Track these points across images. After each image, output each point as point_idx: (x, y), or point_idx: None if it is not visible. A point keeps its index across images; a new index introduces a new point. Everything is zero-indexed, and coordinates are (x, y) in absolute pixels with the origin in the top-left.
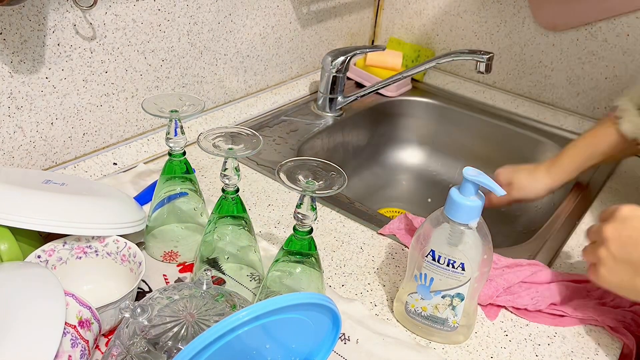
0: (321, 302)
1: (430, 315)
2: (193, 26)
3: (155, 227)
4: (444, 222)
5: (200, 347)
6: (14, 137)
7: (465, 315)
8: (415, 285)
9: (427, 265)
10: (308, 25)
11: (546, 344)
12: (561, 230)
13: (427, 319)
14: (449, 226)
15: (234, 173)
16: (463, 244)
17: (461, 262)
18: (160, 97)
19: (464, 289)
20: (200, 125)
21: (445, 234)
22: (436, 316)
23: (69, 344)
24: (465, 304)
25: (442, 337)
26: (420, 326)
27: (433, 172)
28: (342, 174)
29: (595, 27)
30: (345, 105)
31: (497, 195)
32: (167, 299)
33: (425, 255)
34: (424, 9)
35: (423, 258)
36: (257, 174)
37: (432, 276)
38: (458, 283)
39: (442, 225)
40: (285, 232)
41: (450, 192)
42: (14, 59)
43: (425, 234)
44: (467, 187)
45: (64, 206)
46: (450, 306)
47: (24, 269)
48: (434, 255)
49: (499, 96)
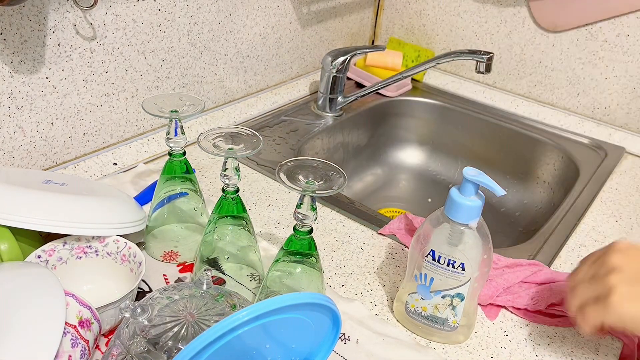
0: (321, 302)
1: (430, 315)
2: (193, 26)
3: (156, 227)
4: (444, 222)
5: (201, 346)
6: (14, 137)
7: (465, 315)
8: (415, 286)
9: (427, 264)
10: (308, 25)
11: (546, 344)
12: (561, 230)
13: (427, 319)
14: (449, 226)
15: (234, 173)
16: (463, 244)
17: (461, 262)
18: (161, 97)
19: (464, 288)
20: (201, 125)
21: (445, 233)
22: (436, 316)
23: (69, 344)
24: (465, 304)
25: (443, 337)
26: (421, 326)
27: (433, 172)
28: (342, 174)
29: (595, 27)
30: (345, 105)
31: (497, 195)
32: (167, 298)
33: (425, 255)
34: (424, 9)
35: (423, 258)
36: (257, 174)
37: (432, 276)
38: (458, 283)
39: (442, 225)
40: (286, 232)
41: (450, 192)
42: (14, 59)
43: (425, 234)
44: (467, 187)
45: (64, 206)
46: (450, 306)
47: (24, 269)
48: (434, 255)
49: (499, 96)
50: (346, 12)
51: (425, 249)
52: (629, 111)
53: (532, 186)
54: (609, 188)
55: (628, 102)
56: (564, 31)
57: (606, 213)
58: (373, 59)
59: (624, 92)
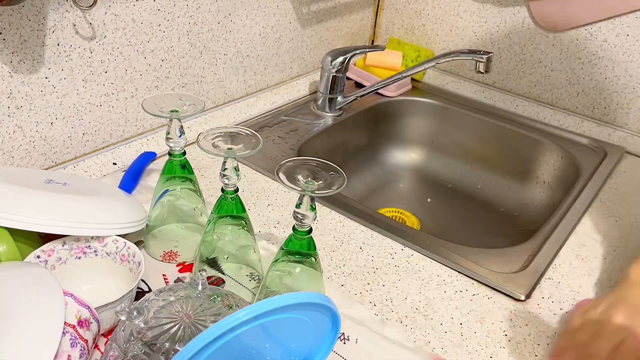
0: (320, 301)
1: None
2: (193, 26)
3: (155, 227)
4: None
5: (200, 346)
6: (14, 137)
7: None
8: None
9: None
10: (308, 25)
11: (546, 344)
12: (561, 230)
13: None
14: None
15: (233, 173)
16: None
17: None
18: (160, 97)
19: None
20: (200, 125)
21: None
22: None
23: (68, 344)
24: None
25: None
26: None
27: (433, 172)
28: (341, 173)
29: (595, 27)
30: (345, 105)
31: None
32: (163, 300)
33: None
34: (424, 9)
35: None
36: (256, 174)
37: None
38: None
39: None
40: (285, 232)
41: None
42: (14, 58)
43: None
44: None
45: (64, 206)
46: None
47: (23, 269)
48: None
49: (499, 96)
50: (346, 12)
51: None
52: (628, 111)
53: (532, 186)
54: (608, 188)
55: (628, 102)
56: (563, 31)
57: (606, 213)
58: (373, 58)
59: (624, 92)
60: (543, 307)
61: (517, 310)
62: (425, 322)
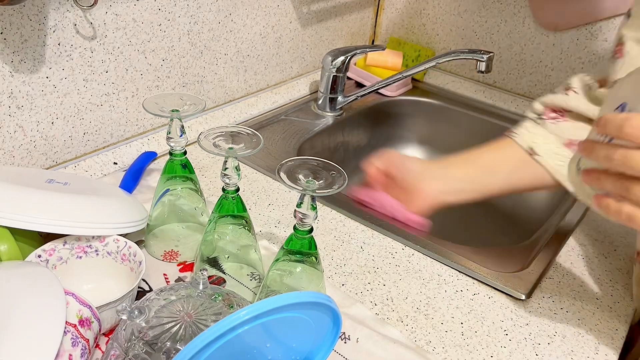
0: (321, 301)
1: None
2: (193, 26)
3: (156, 227)
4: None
5: (201, 345)
6: (15, 137)
7: None
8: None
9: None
10: (308, 24)
11: (546, 344)
12: (561, 229)
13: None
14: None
15: (234, 172)
16: None
17: None
18: (161, 97)
19: None
20: (201, 124)
21: None
22: None
23: (70, 343)
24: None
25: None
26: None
27: None
28: (342, 173)
29: (595, 27)
30: (346, 104)
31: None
32: (164, 300)
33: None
34: (424, 8)
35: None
36: (257, 174)
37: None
38: None
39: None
40: (286, 232)
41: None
42: (15, 58)
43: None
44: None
45: (64, 206)
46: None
47: (24, 269)
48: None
49: (499, 96)
50: (346, 11)
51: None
52: None
53: None
54: None
55: None
56: (564, 31)
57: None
58: (373, 58)
59: None
60: (544, 307)
61: (517, 309)
62: (426, 321)
